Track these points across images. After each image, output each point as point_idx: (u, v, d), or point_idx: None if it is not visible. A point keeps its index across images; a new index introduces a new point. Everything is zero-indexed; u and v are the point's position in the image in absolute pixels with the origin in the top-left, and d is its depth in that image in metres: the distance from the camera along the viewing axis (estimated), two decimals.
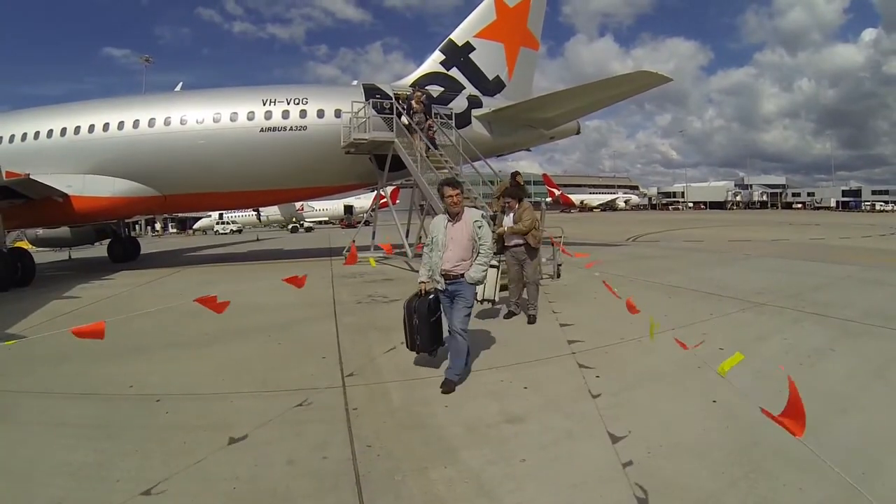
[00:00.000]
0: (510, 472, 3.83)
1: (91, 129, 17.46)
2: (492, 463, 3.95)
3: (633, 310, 5.30)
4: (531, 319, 8.44)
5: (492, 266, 8.57)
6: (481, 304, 8.46)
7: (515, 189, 9.76)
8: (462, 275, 5.67)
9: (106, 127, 17.45)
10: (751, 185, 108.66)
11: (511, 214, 8.80)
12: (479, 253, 5.72)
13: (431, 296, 5.91)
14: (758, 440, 4.05)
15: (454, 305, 5.73)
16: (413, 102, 16.62)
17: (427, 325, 5.91)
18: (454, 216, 5.85)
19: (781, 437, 3.91)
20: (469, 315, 5.81)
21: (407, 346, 6.16)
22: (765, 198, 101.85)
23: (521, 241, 8.68)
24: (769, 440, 3.95)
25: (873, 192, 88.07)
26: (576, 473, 3.76)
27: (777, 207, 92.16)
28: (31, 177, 14.29)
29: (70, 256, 24.90)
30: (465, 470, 3.86)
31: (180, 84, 20.76)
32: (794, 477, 3.54)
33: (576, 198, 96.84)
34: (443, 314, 5.98)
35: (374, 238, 18.92)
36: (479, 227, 5.72)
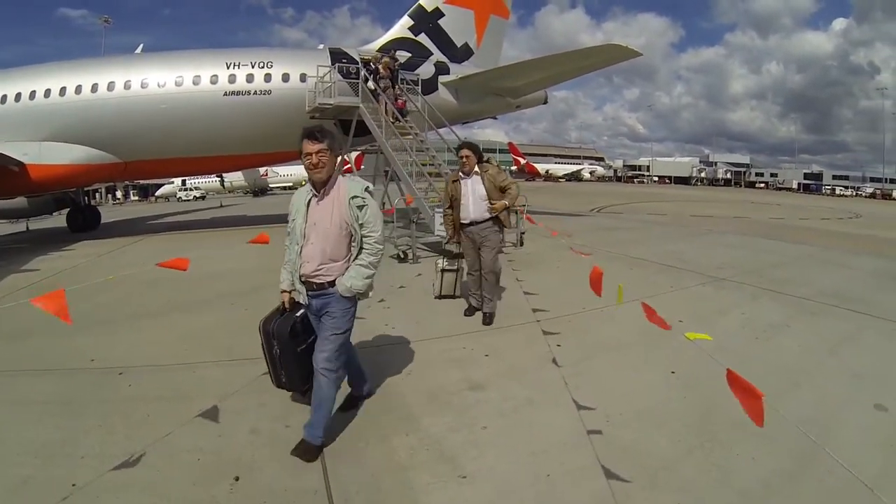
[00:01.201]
0: (472, 439, 3.90)
1: (47, 93, 16.86)
2: (453, 430, 4.02)
3: (597, 280, 5.35)
4: (487, 319, 6.83)
5: (447, 270, 7.83)
6: (438, 299, 7.79)
7: (473, 144, 7.33)
8: (332, 283, 3.79)
9: (63, 91, 16.87)
10: (716, 163, 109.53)
11: (474, 180, 6.93)
12: (361, 249, 3.85)
13: (299, 312, 4.01)
14: (713, 411, 4.17)
15: (320, 330, 3.90)
16: (380, 67, 16.43)
17: (293, 356, 3.99)
18: (319, 188, 3.86)
19: (736, 409, 4.01)
20: (342, 345, 3.90)
21: (273, 382, 4.23)
22: (729, 176, 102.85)
23: (487, 216, 6.87)
24: (725, 411, 4.06)
25: (834, 177, 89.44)
26: (536, 441, 3.84)
27: (740, 186, 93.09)
28: None
29: (28, 227, 24.25)
30: (427, 437, 3.92)
31: (141, 46, 20.20)
32: (748, 447, 3.65)
33: (541, 167, 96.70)
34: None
35: None
36: (360, 208, 3.79)
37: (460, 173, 7.07)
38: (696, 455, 3.62)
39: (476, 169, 6.98)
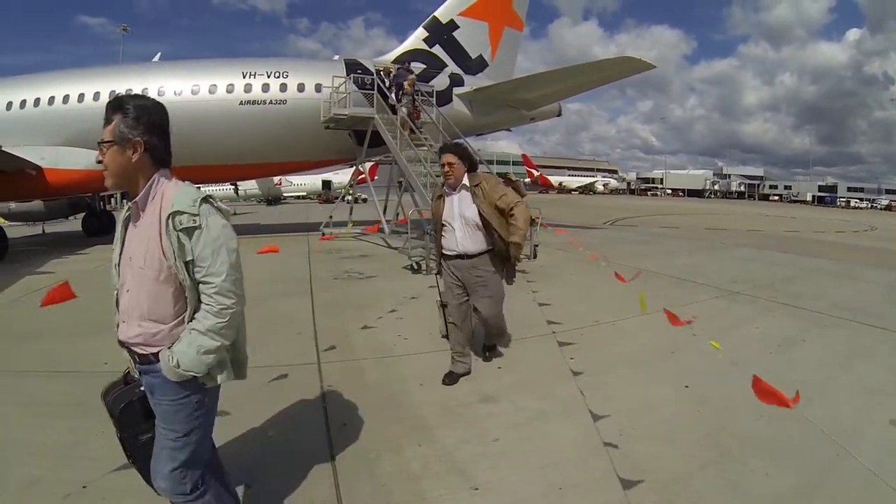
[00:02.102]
0: (484, 451, 3.87)
1: (66, 99, 17.01)
2: (466, 442, 3.99)
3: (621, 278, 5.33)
4: (487, 357, 5.76)
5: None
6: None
7: (460, 146, 5.41)
8: (153, 355, 2.45)
9: (81, 98, 17.01)
10: (729, 175, 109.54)
11: (461, 196, 5.10)
12: (197, 305, 2.41)
13: (141, 387, 2.68)
14: (727, 426, 4.13)
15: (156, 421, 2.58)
16: (406, 84, 16.47)
17: (138, 447, 2.71)
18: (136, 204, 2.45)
19: (750, 424, 4.01)
20: (189, 458, 2.54)
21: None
22: (742, 188, 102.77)
23: (481, 249, 5.07)
24: (738, 426, 4.04)
25: (849, 189, 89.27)
26: (548, 453, 3.81)
27: (754, 199, 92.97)
28: (3, 149, 13.97)
29: (44, 231, 24.43)
30: (440, 449, 3.89)
31: (158, 55, 20.38)
32: (761, 463, 3.61)
33: (554, 179, 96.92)
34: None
35: (351, 214, 18.88)
36: (187, 234, 2.32)
37: (444, 187, 5.24)
38: (709, 469, 3.58)
39: (466, 181, 5.09)
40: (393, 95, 16.39)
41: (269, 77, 17.82)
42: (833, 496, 3.29)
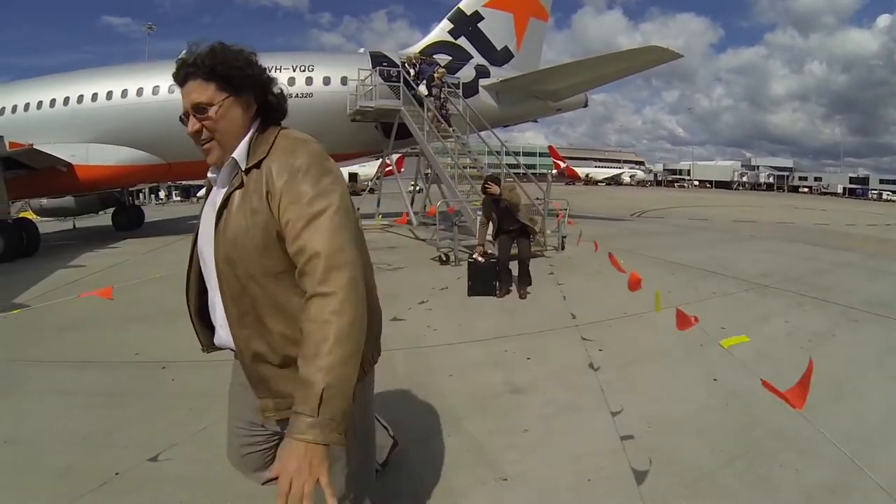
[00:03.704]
0: (513, 442, 3.87)
1: (94, 97, 17.27)
2: (495, 433, 4.00)
3: (636, 285, 5.30)
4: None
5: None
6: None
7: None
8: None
9: (109, 95, 17.25)
10: (758, 167, 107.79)
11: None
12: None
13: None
14: (757, 420, 4.10)
15: None
16: (435, 76, 16.48)
17: None
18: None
19: (780, 418, 3.97)
20: None
21: None
22: (771, 180, 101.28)
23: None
24: (768, 420, 4.00)
25: (881, 181, 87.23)
26: (577, 445, 3.81)
27: (783, 190, 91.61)
28: (35, 147, 14.23)
29: (74, 226, 24.83)
30: (468, 439, 3.91)
31: (184, 52, 20.51)
32: (792, 458, 3.58)
33: (581, 171, 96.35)
34: None
35: (378, 206, 18.94)
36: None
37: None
38: (738, 465, 3.55)
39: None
40: (423, 87, 16.35)
41: (294, 70, 17.89)
42: (865, 493, 3.25)
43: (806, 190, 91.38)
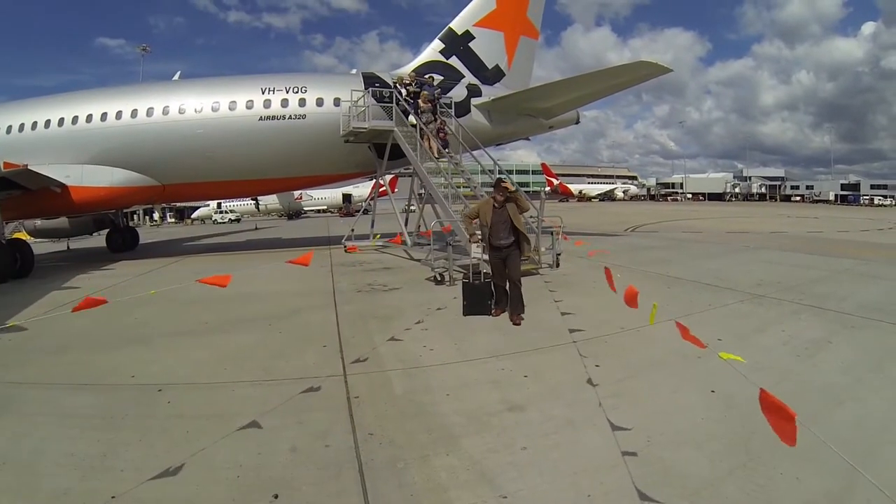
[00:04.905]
0: (512, 459, 3.86)
1: (89, 118, 17.31)
2: (493, 451, 3.99)
3: (632, 303, 5.30)
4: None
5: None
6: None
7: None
8: None
9: (104, 117, 17.30)
10: (749, 178, 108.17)
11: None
12: None
13: None
14: (756, 430, 4.08)
15: None
16: (420, 101, 16.47)
17: None
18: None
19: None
20: None
21: None
22: (763, 190, 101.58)
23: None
24: (767, 430, 3.98)
25: (872, 187, 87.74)
26: (576, 461, 3.80)
27: (776, 200, 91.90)
28: (29, 167, 14.24)
29: (69, 247, 24.85)
30: (467, 458, 3.89)
31: (178, 73, 20.63)
32: (791, 467, 3.58)
33: (574, 187, 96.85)
34: None
35: (372, 227, 18.91)
36: None
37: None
38: (739, 475, 3.55)
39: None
40: (413, 117, 16.37)
41: (287, 92, 17.98)
42: (867, 499, 3.25)
43: (798, 198, 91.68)
